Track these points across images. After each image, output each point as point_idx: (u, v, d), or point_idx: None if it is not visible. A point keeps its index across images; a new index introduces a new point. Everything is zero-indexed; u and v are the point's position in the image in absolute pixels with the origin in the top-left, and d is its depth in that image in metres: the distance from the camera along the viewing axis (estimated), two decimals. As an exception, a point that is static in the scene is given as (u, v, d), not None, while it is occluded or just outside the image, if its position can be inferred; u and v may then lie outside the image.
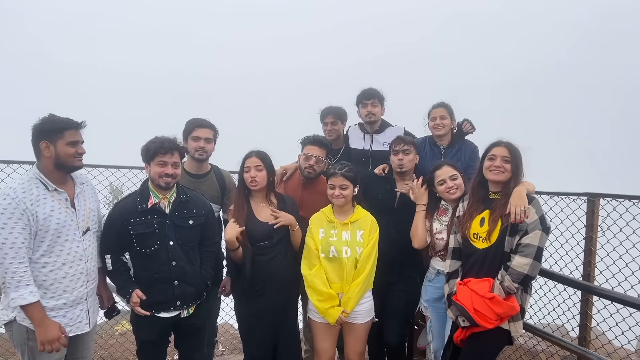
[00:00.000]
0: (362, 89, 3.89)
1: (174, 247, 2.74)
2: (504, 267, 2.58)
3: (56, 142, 2.43)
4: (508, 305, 2.51)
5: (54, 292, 2.46)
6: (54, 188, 2.45)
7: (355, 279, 2.96)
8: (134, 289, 2.72)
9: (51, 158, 2.44)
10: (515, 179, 2.68)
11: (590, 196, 3.39)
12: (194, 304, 2.87)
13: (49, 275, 2.43)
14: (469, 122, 3.71)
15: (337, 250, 2.96)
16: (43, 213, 2.38)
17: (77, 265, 2.53)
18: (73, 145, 2.48)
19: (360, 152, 3.90)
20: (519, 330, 2.63)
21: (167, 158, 2.71)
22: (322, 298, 2.94)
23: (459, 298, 2.62)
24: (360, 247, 2.98)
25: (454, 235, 2.89)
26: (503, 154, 2.70)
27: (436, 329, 3.24)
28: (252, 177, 3.01)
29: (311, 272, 2.98)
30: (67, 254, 2.48)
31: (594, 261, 3.36)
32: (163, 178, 2.70)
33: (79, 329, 2.57)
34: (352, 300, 2.94)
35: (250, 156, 3.08)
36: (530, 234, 2.52)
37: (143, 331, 2.84)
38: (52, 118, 2.47)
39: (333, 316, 2.92)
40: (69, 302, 2.51)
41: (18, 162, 3.81)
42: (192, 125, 3.30)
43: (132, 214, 2.72)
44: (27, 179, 2.43)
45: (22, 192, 2.35)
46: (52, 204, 2.43)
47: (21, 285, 2.30)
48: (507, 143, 2.74)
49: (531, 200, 2.59)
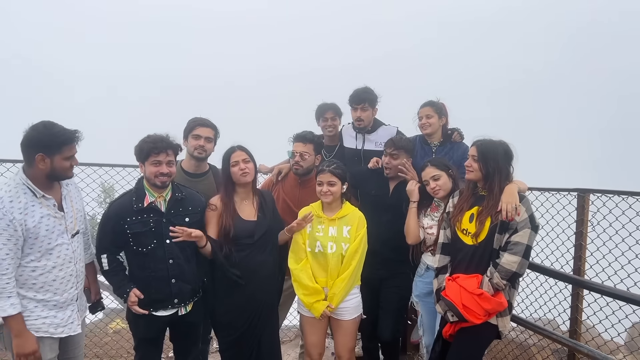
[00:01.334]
0: (355, 89, 3.84)
1: (170, 246, 2.75)
2: (492, 264, 2.61)
3: (53, 156, 2.37)
4: (496, 301, 2.56)
5: (44, 295, 2.45)
6: (41, 195, 2.40)
7: (341, 274, 2.99)
8: (132, 288, 2.71)
9: (45, 170, 2.39)
10: (492, 178, 2.68)
11: (581, 192, 3.43)
12: (191, 301, 2.88)
13: (39, 278, 2.42)
14: (459, 133, 3.74)
15: (323, 246, 2.99)
16: (32, 221, 2.35)
17: (67, 267, 2.52)
18: (69, 159, 2.46)
19: (353, 152, 3.91)
20: (506, 325, 2.68)
21: (162, 157, 2.70)
22: (307, 292, 2.98)
23: (448, 294, 2.66)
24: (346, 242, 3.01)
25: (444, 231, 2.93)
26: (472, 153, 2.76)
27: (427, 323, 3.28)
28: (242, 169, 2.97)
29: (298, 266, 3.01)
30: (56, 257, 2.46)
31: (584, 256, 3.40)
32: (159, 177, 2.70)
33: (71, 330, 2.56)
34: (338, 295, 2.97)
35: (235, 150, 3.04)
36: (520, 232, 2.55)
37: (141, 329, 2.85)
38: (50, 130, 2.37)
39: (318, 310, 2.96)
40: (59, 304, 2.51)
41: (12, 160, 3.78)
42: (193, 124, 3.30)
43: (128, 213, 2.71)
44: (13, 185, 2.36)
45: (9, 202, 2.30)
46: (40, 211, 2.39)
47: (2, 297, 2.28)
48: (479, 143, 2.77)
49: (521, 199, 2.62)
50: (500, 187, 2.66)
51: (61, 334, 2.52)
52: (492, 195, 2.67)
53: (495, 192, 2.65)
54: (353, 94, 3.82)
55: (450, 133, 3.74)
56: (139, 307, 2.70)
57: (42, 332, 2.44)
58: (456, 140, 3.72)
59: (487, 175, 2.70)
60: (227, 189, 3.03)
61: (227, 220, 2.92)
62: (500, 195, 2.63)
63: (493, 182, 2.68)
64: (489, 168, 2.69)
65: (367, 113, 3.80)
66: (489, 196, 2.69)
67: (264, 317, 3.02)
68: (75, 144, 2.48)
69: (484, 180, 2.73)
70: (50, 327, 2.47)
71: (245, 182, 3.02)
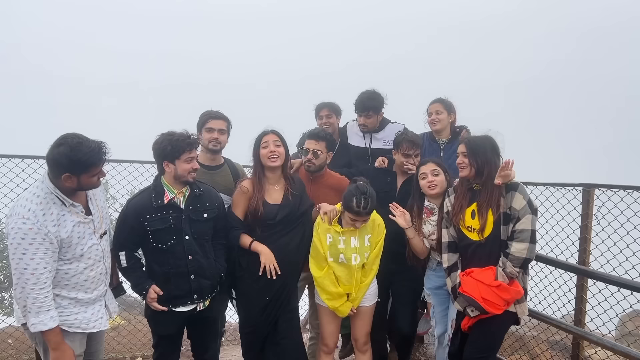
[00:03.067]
0: (362, 92, 3.85)
1: (189, 242, 2.77)
2: (503, 254, 2.70)
3: (80, 176, 2.33)
4: (514, 290, 2.65)
5: (76, 293, 2.48)
6: (70, 203, 2.39)
7: (364, 281, 3.05)
8: (150, 284, 2.73)
9: (72, 186, 2.35)
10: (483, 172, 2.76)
11: (586, 187, 3.52)
12: (209, 296, 2.91)
13: (72, 280, 2.45)
14: (467, 131, 3.81)
15: (347, 258, 2.99)
16: (65, 231, 2.36)
17: (97, 267, 2.55)
18: (97, 175, 2.42)
19: (360, 150, 3.94)
20: (525, 311, 2.79)
21: (193, 154, 2.74)
22: (331, 297, 3.03)
23: (466, 289, 2.72)
24: (367, 251, 3.04)
25: (447, 230, 2.97)
26: (461, 150, 2.84)
27: (439, 314, 3.35)
28: (272, 151, 2.98)
29: (321, 274, 3.02)
30: (87, 259, 2.48)
31: (588, 248, 3.50)
32: (191, 174, 2.74)
33: (101, 325, 2.59)
34: (361, 297, 3.07)
35: (267, 133, 3.06)
36: (523, 219, 2.65)
37: (161, 326, 2.87)
38: (76, 154, 2.27)
39: (344, 312, 3.04)
40: (91, 301, 2.54)
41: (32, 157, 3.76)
42: (205, 117, 3.32)
43: (147, 210, 2.72)
44: (43, 196, 2.33)
45: (42, 215, 2.28)
46: (71, 219, 2.40)
47: (42, 311, 2.30)
48: (466, 140, 2.88)
49: (517, 186, 2.72)
50: (492, 178, 2.74)
51: (92, 329, 2.54)
52: (486, 188, 2.76)
53: (489, 185, 2.75)
54: (358, 100, 3.84)
55: (459, 130, 3.80)
56: (158, 304, 2.73)
57: (75, 328, 2.47)
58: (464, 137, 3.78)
59: (478, 170, 2.78)
60: (257, 172, 3.07)
61: (254, 203, 2.97)
62: (493, 186, 2.73)
63: (485, 175, 2.76)
64: (479, 162, 2.77)
65: (372, 120, 3.83)
66: (484, 190, 2.78)
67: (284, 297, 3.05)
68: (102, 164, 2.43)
69: (476, 175, 2.80)
70: (82, 323, 2.50)
71: (273, 165, 3.02)
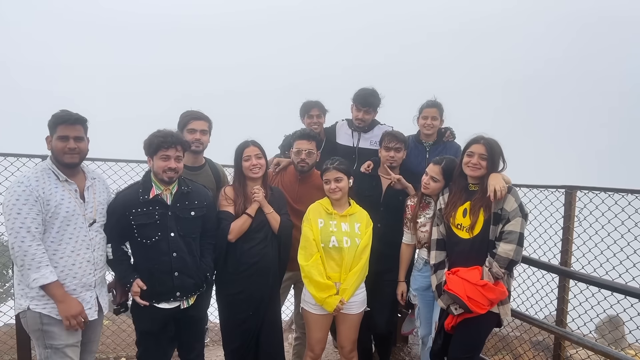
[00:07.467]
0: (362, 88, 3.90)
1: (175, 239, 2.76)
2: (490, 254, 2.73)
3: (52, 136, 2.53)
4: (499, 290, 2.67)
5: (64, 279, 2.52)
6: (64, 179, 2.54)
7: (353, 268, 3.04)
8: (135, 278, 2.73)
9: (51, 151, 2.55)
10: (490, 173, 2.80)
11: (568, 189, 3.58)
12: (193, 295, 2.88)
13: (60, 262, 2.51)
14: (451, 132, 3.86)
15: (338, 240, 3.02)
16: (55, 201, 2.48)
17: (85, 253, 2.60)
18: (62, 140, 2.51)
19: (347, 149, 3.96)
20: (507, 313, 2.80)
21: (171, 152, 2.73)
22: (319, 288, 3.00)
23: (451, 287, 2.73)
24: (358, 238, 3.07)
25: (437, 227, 3.01)
26: (480, 152, 2.82)
27: (424, 315, 3.37)
28: (254, 164, 3.07)
29: (308, 263, 3.01)
30: (75, 242, 2.55)
31: (570, 249, 3.56)
32: (167, 172, 2.73)
33: (88, 315, 2.60)
34: (349, 289, 3.02)
35: (248, 145, 3.13)
36: (512, 222, 2.68)
37: (143, 322, 2.85)
38: (57, 113, 2.55)
39: (331, 305, 2.98)
40: (78, 288, 2.58)
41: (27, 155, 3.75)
42: (187, 118, 3.30)
43: (134, 204, 2.72)
44: (40, 169, 2.53)
45: (35, 181, 2.46)
46: (62, 193, 2.53)
47: (42, 265, 2.41)
48: (486, 141, 2.84)
49: (510, 190, 2.75)
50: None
51: None
52: (482, 188, 2.80)
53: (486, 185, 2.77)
54: (360, 95, 3.88)
55: (444, 132, 3.85)
56: (141, 299, 2.72)
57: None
58: (448, 139, 3.83)
59: (489, 172, 2.81)
60: (240, 181, 3.14)
61: (237, 212, 3.05)
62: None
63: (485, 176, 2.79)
64: (494, 164, 2.81)
65: (369, 116, 3.91)
66: (480, 190, 2.81)
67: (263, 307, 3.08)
68: (71, 125, 2.53)
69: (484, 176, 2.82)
70: None
71: (255, 177, 3.10)
